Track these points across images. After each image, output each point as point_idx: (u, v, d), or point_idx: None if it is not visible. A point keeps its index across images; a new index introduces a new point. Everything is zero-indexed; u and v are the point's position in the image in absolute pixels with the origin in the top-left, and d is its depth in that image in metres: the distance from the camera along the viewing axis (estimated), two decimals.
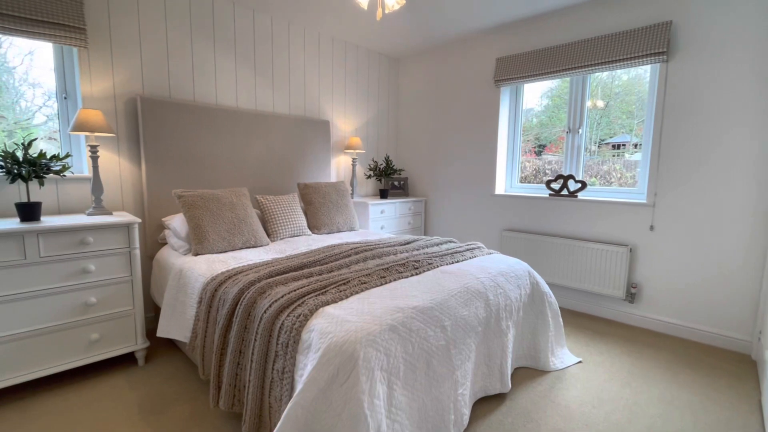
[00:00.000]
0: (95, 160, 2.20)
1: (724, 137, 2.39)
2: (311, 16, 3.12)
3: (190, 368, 2.13)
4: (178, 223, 2.39)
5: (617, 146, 3.05)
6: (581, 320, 2.89)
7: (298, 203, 2.93)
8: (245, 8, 2.96)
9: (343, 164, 3.85)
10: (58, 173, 2.01)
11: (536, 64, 3.11)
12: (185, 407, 1.79)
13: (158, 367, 2.15)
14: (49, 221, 1.93)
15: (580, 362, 2.24)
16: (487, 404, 1.82)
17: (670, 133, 2.59)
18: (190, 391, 1.92)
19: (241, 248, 2.38)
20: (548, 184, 3.19)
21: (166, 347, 2.38)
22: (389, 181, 4.04)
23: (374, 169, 3.86)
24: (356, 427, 1.15)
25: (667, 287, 2.67)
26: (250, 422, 1.42)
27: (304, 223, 2.87)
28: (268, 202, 2.76)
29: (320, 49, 3.51)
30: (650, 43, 2.54)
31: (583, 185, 3.02)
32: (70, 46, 2.18)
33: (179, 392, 1.91)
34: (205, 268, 2.00)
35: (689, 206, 2.54)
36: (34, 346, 1.83)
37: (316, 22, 3.24)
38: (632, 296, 2.79)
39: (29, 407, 1.78)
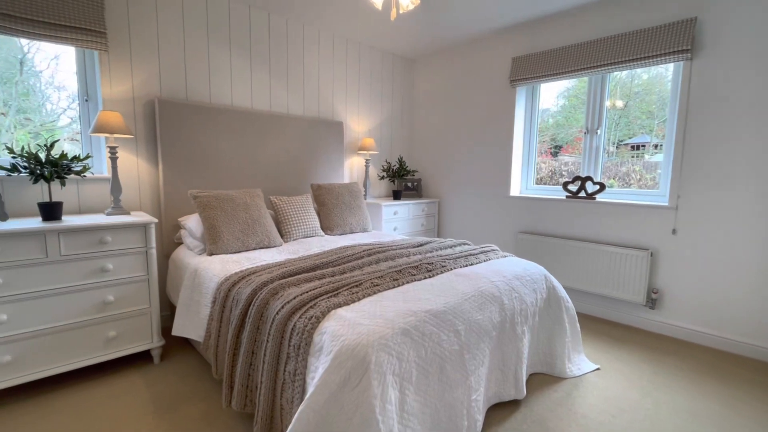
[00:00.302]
0: (114, 161, 2.25)
1: (752, 138, 2.29)
2: (326, 17, 3.12)
3: (204, 367, 2.16)
4: (193, 223, 2.43)
5: (636, 147, 2.96)
6: (599, 326, 2.81)
7: (311, 204, 2.94)
8: (261, 11, 2.99)
9: (356, 165, 3.85)
10: (78, 174, 2.06)
11: (554, 63, 3.05)
12: (199, 406, 1.81)
13: (173, 365, 2.18)
14: (69, 221, 1.97)
15: (597, 369, 2.18)
16: (501, 411, 1.78)
17: (694, 133, 2.50)
18: (203, 390, 1.94)
19: (254, 248, 2.40)
20: (565, 185, 3.12)
21: (180, 346, 2.41)
22: (402, 182, 4.02)
23: (387, 170, 3.85)
24: (368, 431, 1.13)
25: (690, 293, 2.57)
26: (261, 423, 1.42)
27: (317, 224, 2.87)
28: (281, 202, 2.78)
29: (334, 50, 3.52)
30: (674, 40, 2.45)
31: (601, 187, 2.94)
32: (91, 49, 2.24)
33: (193, 391, 1.93)
34: (219, 268, 2.02)
35: (715, 209, 2.45)
36: (54, 342, 1.88)
37: (330, 23, 3.24)
38: (653, 302, 2.70)
39: (49, 402, 1.82)
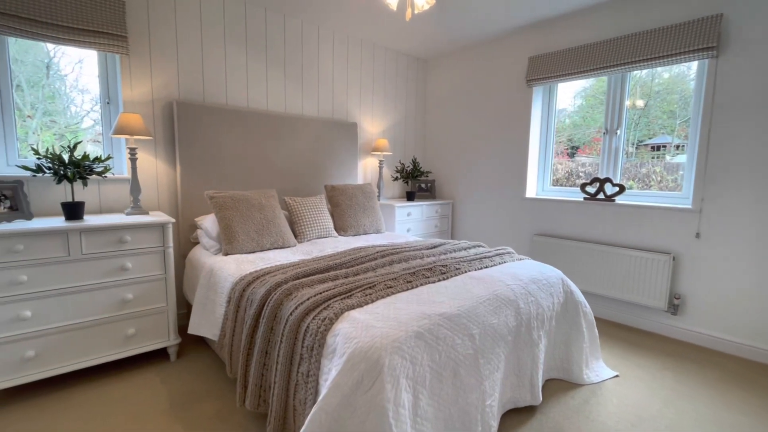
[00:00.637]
0: (134, 162, 2.30)
1: None
2: (340, 18, 3.13)
3: (219, 366, 2.18)
4: (209, 223, 2.46)
5: (657, 148, 2.87)
6: (618, 331, 2.73)
7: (325, 205, 2.95)
8: (276, 13, 3.01)
9: (369, 166, 3.85)
10: (99, 174, 2.11)
11: (572, 62, 2.98)
12: (213, 404, 1.83)
13: (189, 363, 2.21)
14: (91, 220, 2.02)
15: (616, 376, 2.12)
16: (516, 416, 1.75)
17: (719, 133, 2.41)
18: (218, 388, 1.96)
19: (269, 249, 2.42)
20: (583, 187, 3.05)
21: (196, 344, 2.45)
22: (416, 183, 4.00)
23: (401, 171, 3.83)
24: None
25: (714, 299, 2.48)
26: (274, 423, 1.43)
27: (330, 224, 2.88)
28: (295, 203, 2.79)
29: (349, 51, 3.53)
30: (698, 37, 2.37)
31: (621, 189, 2.86)
32: (113, 53, 2.29)
33: (208, 389, 1.95)
34: (234, 268, 2.04)
35: (741, 212, 2.35)
36: (76, 338, 1.93)
37: (345, 24, 3.25)
38: (675, 308, 2.61)
39: (68, 397, 1.87)
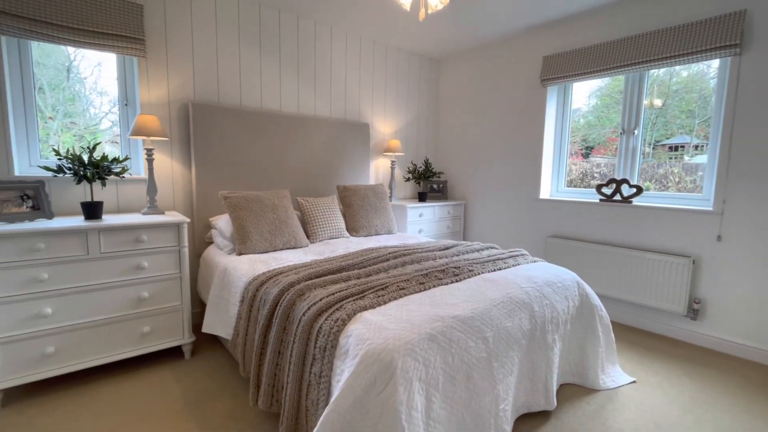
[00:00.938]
0: (151, 162, 2.34)
1: None
2: (353, 19, 3.14)
3: (232, 364, 2.20)
4: (223, 223, 2.49)
5: (675, 148, 2.80)
6: (635, 336, 2.67)
7: (337, 205, 2.96)
8: (290, 14, 3.03)
9: (381, 167, 3.85)
10: (117, 175, 2.16)
11: (588, 61, 2.93)
12: (226, 403, 1.84)
13: (203, 361, 2.24)
14: (109, 220, 2.07)
15: (633, 382, 2.07)
16: (530, 421, 1.72)
17: (742, 133, 2.34)
18: (231, 387, 1.98)
19: (281, 249, 2.43)
20: (599, 188, 3.00)
21: (210, 342, 2.48)
22: (428, 184, 3.99)
23: (413, 171, 3.82)
24: None
25: (737, 304, 2.41)
26: (287, 423, 1.43)
27: (342, 225, 2.88)
28: (308, 203, 2.81)
29: (361, 52, 3.53)
30: (720, 35, 2.31)
31: (638, 190, 2.80)
32: (131, 56, 2.34)
33: (221, 387, 1.97)
34: (247, 267, 2.05)
35: (765, 215, 2.28)
36: (93, 335, 1.97)
37: (357, 25, 3.26)
38: (695, 312, 2.54)
39: (83, 393, 1.91)
